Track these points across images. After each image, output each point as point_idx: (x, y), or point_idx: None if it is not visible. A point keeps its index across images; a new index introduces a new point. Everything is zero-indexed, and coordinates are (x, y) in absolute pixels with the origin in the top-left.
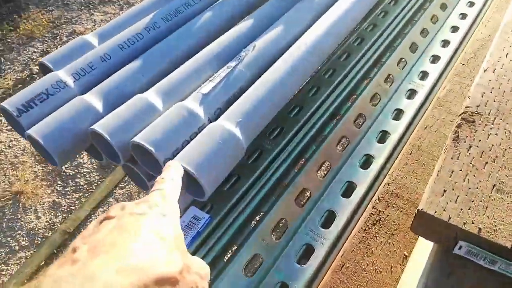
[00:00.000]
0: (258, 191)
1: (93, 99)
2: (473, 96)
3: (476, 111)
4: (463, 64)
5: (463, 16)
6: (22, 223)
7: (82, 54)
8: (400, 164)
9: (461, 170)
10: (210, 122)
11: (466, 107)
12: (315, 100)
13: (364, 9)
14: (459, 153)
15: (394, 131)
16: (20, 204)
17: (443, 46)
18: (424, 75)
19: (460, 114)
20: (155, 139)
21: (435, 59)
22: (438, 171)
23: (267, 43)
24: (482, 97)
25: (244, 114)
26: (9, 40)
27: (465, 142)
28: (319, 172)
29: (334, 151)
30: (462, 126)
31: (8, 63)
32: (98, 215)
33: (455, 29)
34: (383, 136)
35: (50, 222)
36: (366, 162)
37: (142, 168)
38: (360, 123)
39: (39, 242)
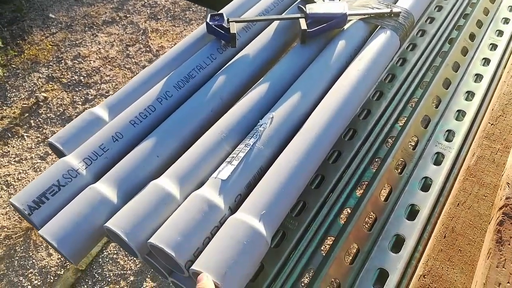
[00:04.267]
0: (284, 281)
1: (106, 188)
2: None
3: None
4: (491, 124)
5: (486, 61)
6: (33, 261)
7: (92, 129)
8: (435, 250)
9: (509, 283)
10: (231, 211)
11: (506, 198)
12: (337, 167)
13: (384, 63)
14: (505, 260)
15: (424, 206)
16: (31, 241)
17: (467, 98)
18: (449, 134)
19: (501, 208)
20: (175, 241)
21: (460, 115)
22: (484, 284)
23: (285, 113)
24: None
25: (268, 204)
26: (13, 66)
27: (509, 244)
28: (347, 255)
29: (362, 231)
30: (505, 224)
31: (14, 90)
32: (110, 251)
33: (479, 77)
34: (412, 212)
35: (62, 259)
36: (397, 244)
37: (161, 263)
38: (387, 195)
39: (52, 280)
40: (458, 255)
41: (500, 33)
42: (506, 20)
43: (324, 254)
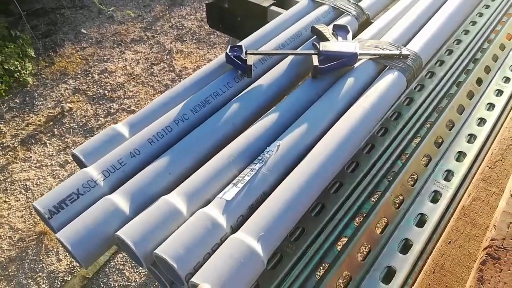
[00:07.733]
0: None
1: (120, 200)
2: (499, 227)
3: (502, 246)
4: (489, 168)
5: (491, 106)
6: (43, 265)
7: (112, 144)
8: (423, 285)
9: None
10: (232, 229)
11: (491, 239)
12: (338, 197)
13: (389, 103)
14: None
15: (417, 241)
16: (43, 245)
17: (469, 141)
18: (449, 174)
19: (485, 248)
20: (178, 254)
21: (460, 156)
22: None
23: (291, 143)
24: (508, 228)
25: (267, 226)
26: (43, 76)
27: (489, 283)
28: (338, 283)
29: (356, 260)
30: (487, 264)
31: (41, 99)
32: (117, 261)
33: (482, 121)
34: (405, 246)
35: (70, 265)
36: (388, 275)
37: (164, 273)
38: (383, 227)
39: (59, 286)
40: None
41: (507, 79)
42: None
43: (317, 280)
